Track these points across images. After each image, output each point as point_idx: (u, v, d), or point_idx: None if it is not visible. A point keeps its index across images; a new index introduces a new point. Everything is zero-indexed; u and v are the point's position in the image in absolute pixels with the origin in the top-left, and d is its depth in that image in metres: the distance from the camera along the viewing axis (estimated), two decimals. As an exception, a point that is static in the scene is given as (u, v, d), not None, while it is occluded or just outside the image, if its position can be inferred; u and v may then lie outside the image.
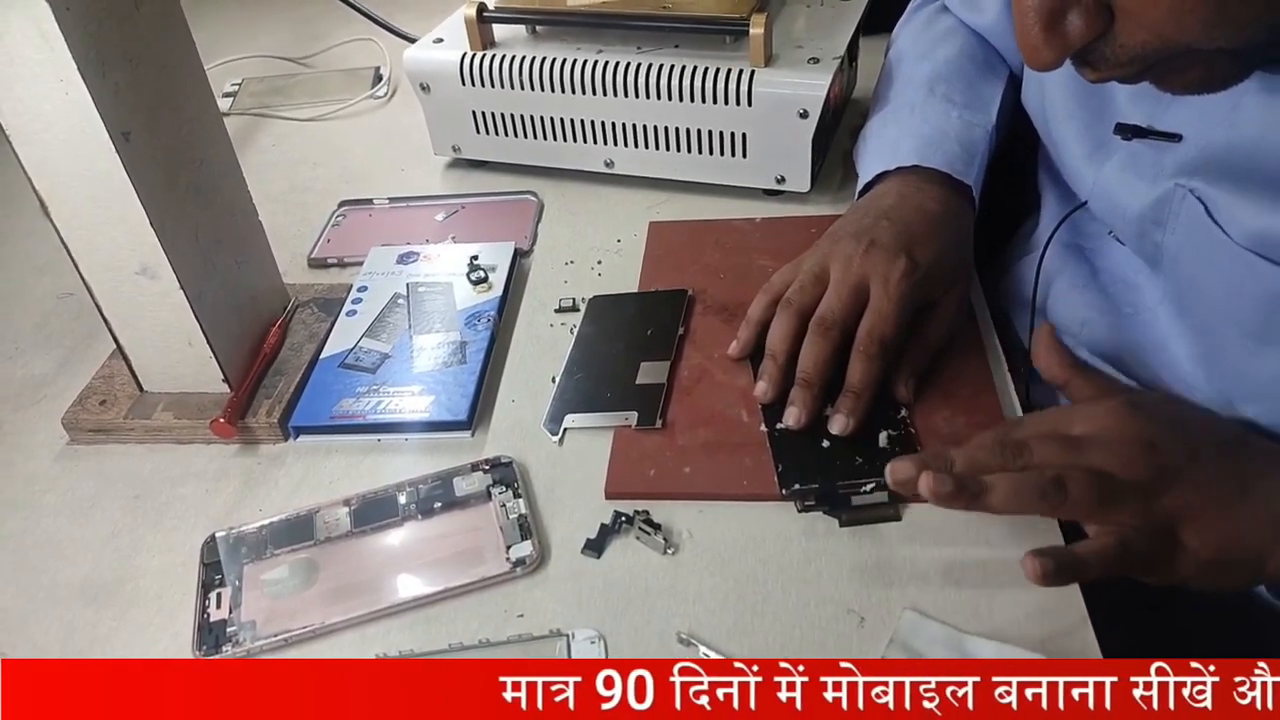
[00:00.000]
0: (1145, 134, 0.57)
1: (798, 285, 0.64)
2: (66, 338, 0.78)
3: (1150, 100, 0.57)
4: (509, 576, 0.56)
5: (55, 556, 0.61)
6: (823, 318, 0.62)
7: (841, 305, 0.62)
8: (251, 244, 0.72)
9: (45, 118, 0.56)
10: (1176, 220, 0.57)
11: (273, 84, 1.12)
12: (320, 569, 0.57)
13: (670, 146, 0.84)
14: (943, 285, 0.66)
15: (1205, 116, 0.54)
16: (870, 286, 0.63)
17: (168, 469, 0.66)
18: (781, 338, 0.63)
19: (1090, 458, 0.51)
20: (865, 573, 0.55)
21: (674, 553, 0.57)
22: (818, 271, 0.65)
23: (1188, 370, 0.60)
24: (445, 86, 0.87)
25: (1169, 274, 0.60)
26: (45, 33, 0.53)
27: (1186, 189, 0.55)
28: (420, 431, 0.66)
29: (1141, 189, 0.59)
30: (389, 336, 0.72)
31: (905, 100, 0.75)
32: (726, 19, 0.79)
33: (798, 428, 0.60)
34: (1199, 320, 0.59)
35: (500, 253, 0.79)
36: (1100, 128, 0.62)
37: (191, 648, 0.54)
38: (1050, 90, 0.67)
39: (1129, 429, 0.51)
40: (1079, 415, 0.53)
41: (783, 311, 0.64)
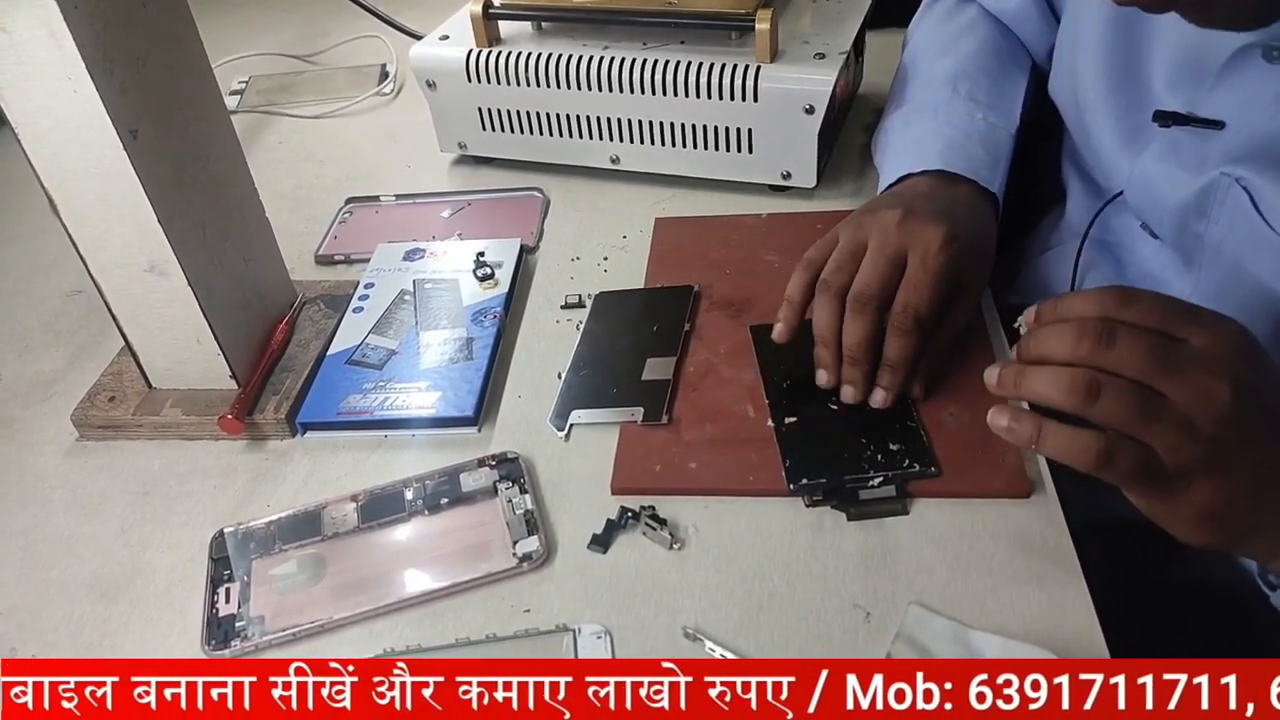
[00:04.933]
0: (1185, 121, 0.56)
1: (834, 264, 0.62)
2: (75, 335, 0.79)
3: (1189, 86, 0.56)
4: (515, 572, 0.56)
5: (65, 552, 0.61)
6: (859, 294, 0.60)
7: (879, 278, 0.60)
8: (259, 241, 0.72)
9: (53, 116, 0.56)
10: (1221, 210, 0.55)
11: (279, 81, 1.12)
12: (328, 564, 0.58)
13: (676, 142, 0.84)
14: (972, 269, 0.64)
15: (1248, 104, 0.53)
16: (908, 257, 0.61)
17: (176, 465, 0.66)
18: (827, 324, 0.61)
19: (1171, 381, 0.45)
20: (871, 567, 0.55)
21: (680, 548, 0.57)
22: (853, 246, 0.63)
23: None
24: (451, 83, 0.87)
25: (1207, 267, 0.58)
26: (54, 31, 0.53)
27: (1233, 178, 0.53)
28: (427, 427, 0.66)
29: (1184, 179, 0.57)
30: (396, 333, 0.72)
31: (928, 100, 0.74)
32: (732, 15, 0.79)
33: (856, 404, 0.61)
34: (1236, 314, 0.57)
35: (506, 249, 0.79)
36: (1136, 116, 0.61)
37: (200, 642, 0.54)
38: (1084, 78, 0.66)
39: (1235, 363, 0.45)
40: (1204, 320, 0.47)
41: (822, 295, 0.62)
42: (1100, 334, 0.46)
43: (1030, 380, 0.47)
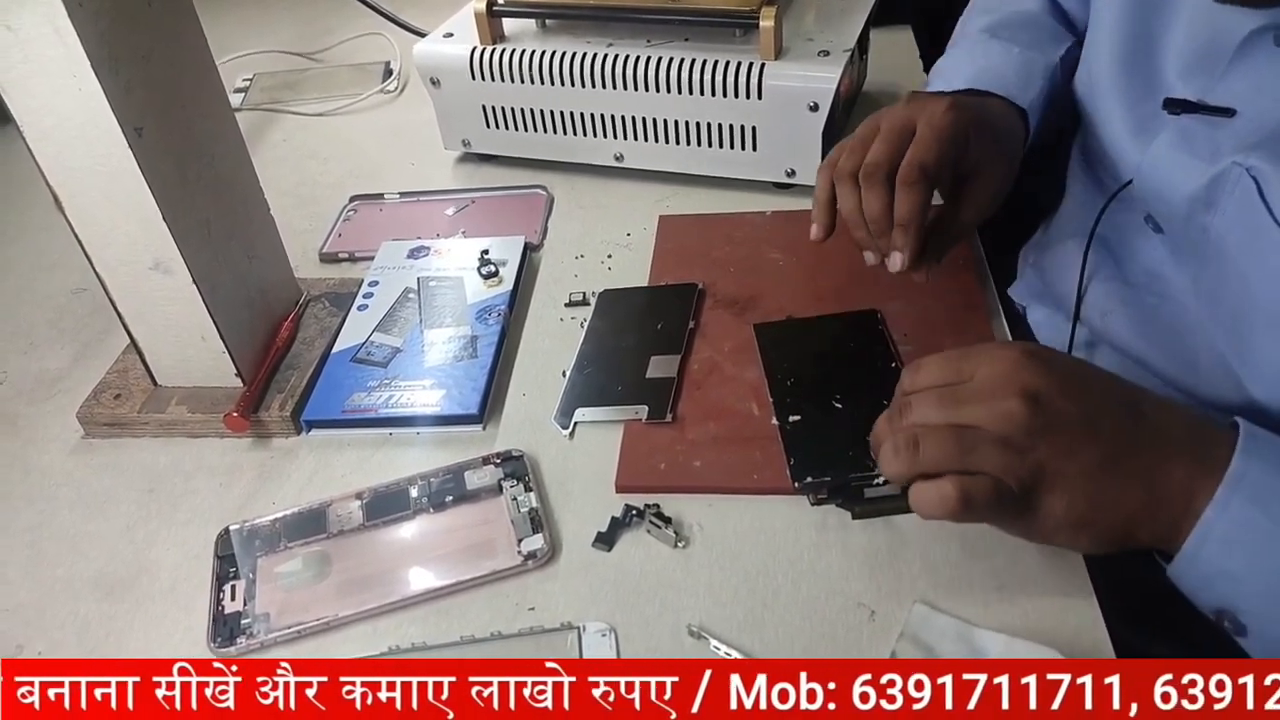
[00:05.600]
0: (1196, 109, 0.56)
1: (846, 153, 0.64)
2: (81, 332, 0.79)
3: (1202, 75, 0.56)
4: (520, 569, 0.56)
5: (70, 550, 0.61)
6: (868, 166, 0.61)
7: (887, 149, 0.61)
8: (263, 239, 0.72)
9: (58, 114, 0.56)
10: (1230, 200, 0.54)
11: (284, 79, 1.12)
12: (333, 562, 0.58)
13: (680, 140, 0.84)
14: (988, 150, 0.64)
15: (1260, 90, 0.53)
16: (916, 126, 0.62)
17: (181, 463, 0.66)
18: (852, 207, 0.63)
19: (967, 411, 0.49)
20: (876, 566, 0.55)
21: (685, 546, 0.57)
22: (864, 135, 0.64)
23: (1213, 360, 0.59)
24: (455, 81, 0.87)
25: (1212, 259, 0.57)
26: (59, 29, 0.53)
27: (1243, 168, 0.53)
28: (431, 425, 0.66)
29: (1196, 168, 0.56)
30: (400, 331, 0.72)
31: (966, 43, 0.75)
32: (736, 12, 0.79)
33: (902, 269, 0.61)
34: (1232, 308, 0.57)
35: (511, 247, 0.79)
36: (1148, 104, 0.61)
37: (206, 640, 0.54)
38: (1097, 65, 0.66)
39: (1018, 379, 0.48)
40: (980, 357, 0.50)
41: (840, 183, 0.63)
42: (900, 408, 0.51)
43: (882, 465, 0.50)
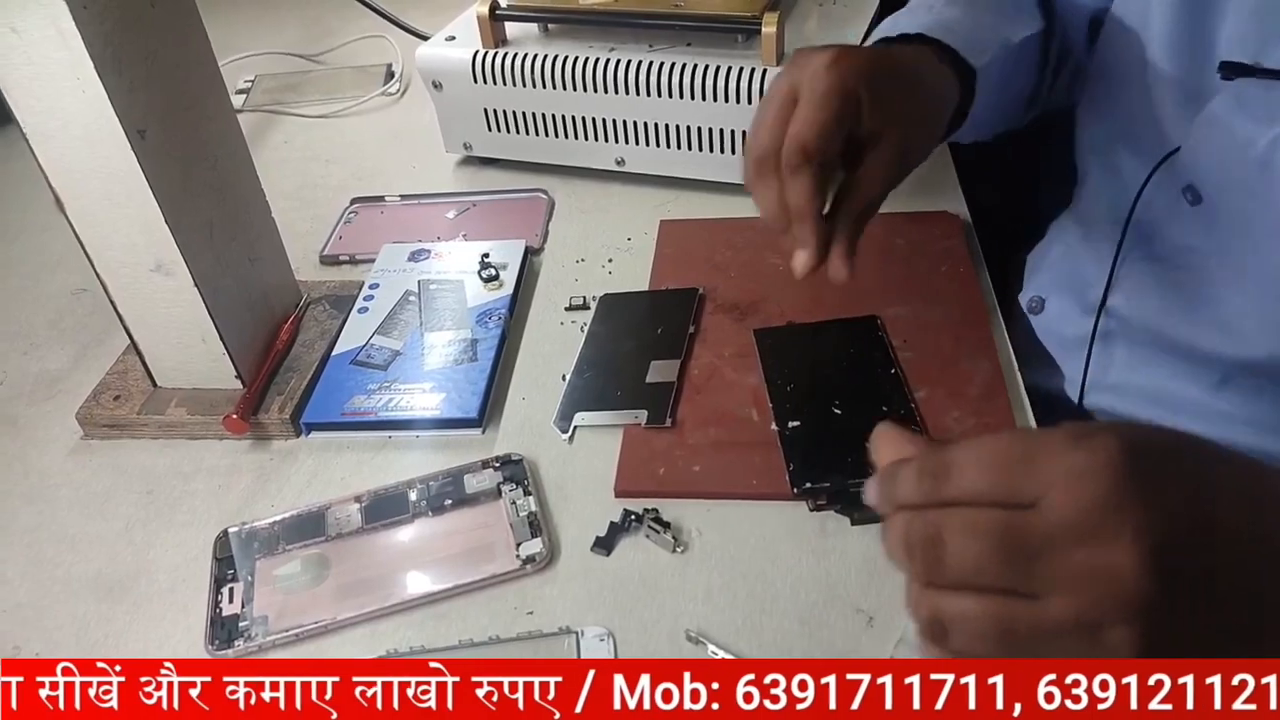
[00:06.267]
0: (1252, 72, 0.55)
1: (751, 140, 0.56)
2: (81, 333, 0.79)
3: (1255, 39, 0.56)
4: (519, 574, 0.56)
5: (69, 551, 0.61)
6: (753, 153, 0.54)
7: (770, 129, 0.53)
8: (264, 241, 0.72)
9: (62, 115, 0.56)
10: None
11: (285, 81, 1.12)
12: (331, 565, 0.58)
13: (682, 145, 0.84)
14: (886, 114, 0.54)
15: None
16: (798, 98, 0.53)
17: (181, 464, 0.66)
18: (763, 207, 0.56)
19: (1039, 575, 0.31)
20: (874, 572, 0.55)
21: (683, 551, 0.57)
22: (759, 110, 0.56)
23: (1240, 326, 0.59)
24: (457, 84, 0.87)
25: (1256, 224, 0.57)
26: (62, 31, 0.53)
27: None
28: (431, 429, 0.66)
29: (1252, 131, 0.55)
30: (400, 334, 0.72)
31: (920, 4, 0.67)
32: (739, 18, 0.79)
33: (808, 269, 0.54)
34: (1270, 273, 0.56)
35: (511, 250, 0.79)
36: (1198, 70, 0.59)
37: (204, 642, 0.54)
38: (1145, 33, 0.63)
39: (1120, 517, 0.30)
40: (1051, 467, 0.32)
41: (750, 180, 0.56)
42: (924, 541, 0.33)
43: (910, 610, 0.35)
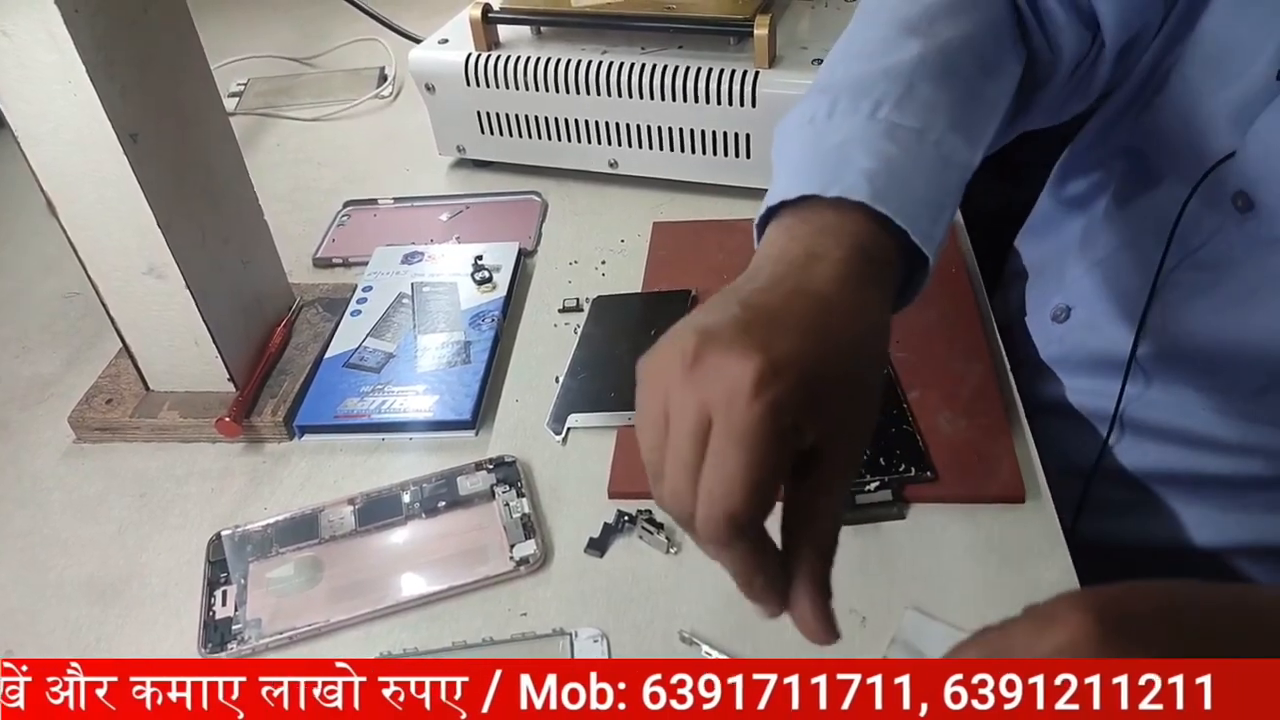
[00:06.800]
0: None
1: (649, 461, 0.42)
2: (73, 337, 0.79)
3: None
4: (512, 575, 0.56)
5: (61, 554, 0.61)
6: (670, 507, 0.40)
7: (685, 474, 0.39)
8: (257, 244, 0.72)
9: (53, 119, 0.56)
10: None
11: (278, 84, 1.12)
12: (325, 567, 0.58)
13: (674, 147, 0.84)
14: (829, 429, 0.39)
15: None
16: (712, 420, 0.38)
17: (173, 467, 0.66)
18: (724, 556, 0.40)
19: None
20: (868, 572, 0.55)
21: (677, 552, 0.57)
22: (659, 421, 0.42)
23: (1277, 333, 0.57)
24: (450, 87, 0.87)
25: None
26: (54, 34, 0.53)
27: None
28: (424, 431, 0.66)
29: None
30: (393, 336, 0.72)
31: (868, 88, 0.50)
32: (730, 20, 0.79)
33: (772, 618, 0.42)
34: None
35: (504, 253, 0.79)
36: (1252, 74, 0.58)
37: (197, 645, 0.54)
38: (1197, 37, 0.61)
39: None
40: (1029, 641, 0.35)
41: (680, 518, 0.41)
42: None
43: None
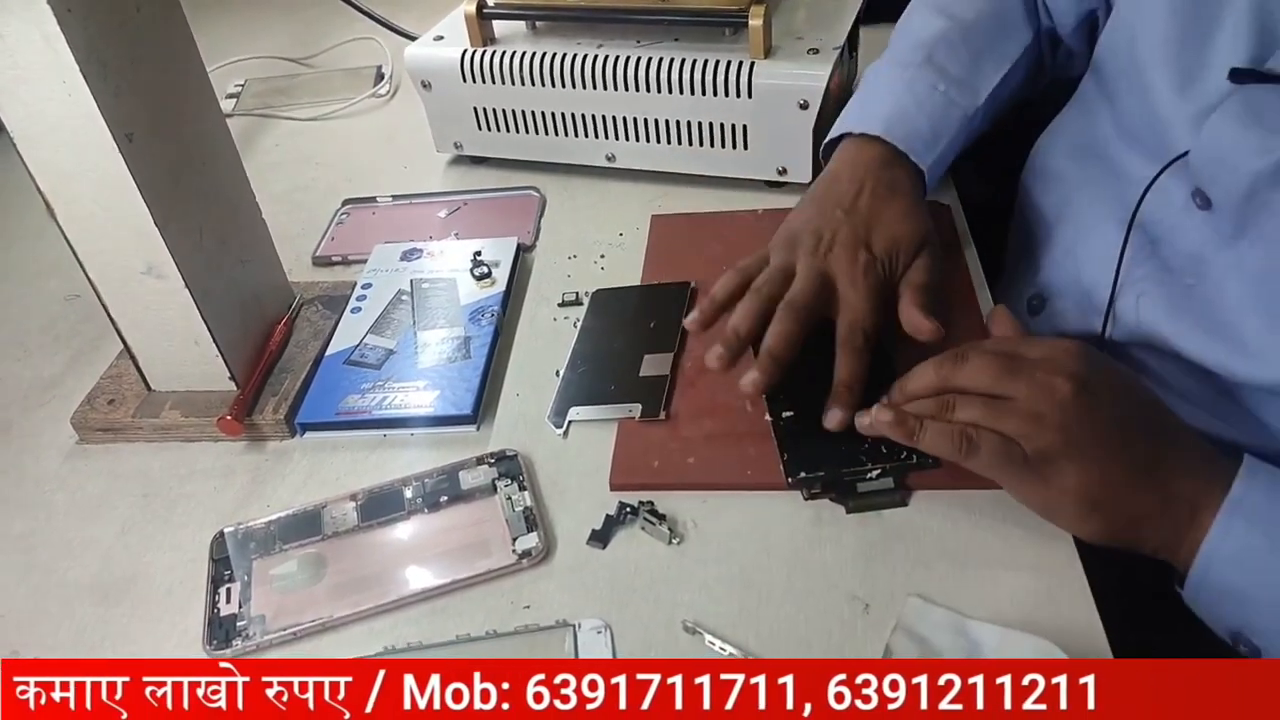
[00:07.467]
0: (1265, 78, 0.54)
1: (766, 276, 0.65)
2: (74, 338, 0.79)
3: (1254, 42, 0.55)
4: (515, 568, 0.56)
5: (65, 555, 0.61)
6: (792, 300, 0.63)
7: (810, 292, 0.63)
8: (256, 243, 0.72)
9: (49, 120, 0.56)
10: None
11: (275, 84, 1.12)
12: (328, 563, 0.58)
13: (671, 140, 0.84)
14: (904, 258, 0.66)
15: None
16: (837, 284, 0.64)
17: (176, 467, 0.66)
18: (745, 315, 0.63)
19: (1020, 384, 0.52)
20: (870, 559, 0.55)
21: (679, 543, 0.57)
22: (784, 266, 0.65)
23: (1250, 342, 0.58)
24: (446, 84, 0.87)
25: (1265, 240, 0.56)
26: (47, 35, 0.53)
27: None
28: (425, 426, 0.66)
29: (1267, 141, 0.54)
30: (394, 333, 0.72)
31: (902, 57, 0.75)
32: (725, 11, 0.79)
33: (754, 391, 0.60)
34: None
35: (503, 248, 0.79)
36: (1205, 74, 0.59)
37: (202, 643, 0.54)
38: (1147, 35, 0.63)
39: (1071, 365, 0.52)
40: (1041, 340, 0.56)
41: (752, 296, 0.64)
42: (955, 357, 0.55)
43: (923, 437, 0.54)
